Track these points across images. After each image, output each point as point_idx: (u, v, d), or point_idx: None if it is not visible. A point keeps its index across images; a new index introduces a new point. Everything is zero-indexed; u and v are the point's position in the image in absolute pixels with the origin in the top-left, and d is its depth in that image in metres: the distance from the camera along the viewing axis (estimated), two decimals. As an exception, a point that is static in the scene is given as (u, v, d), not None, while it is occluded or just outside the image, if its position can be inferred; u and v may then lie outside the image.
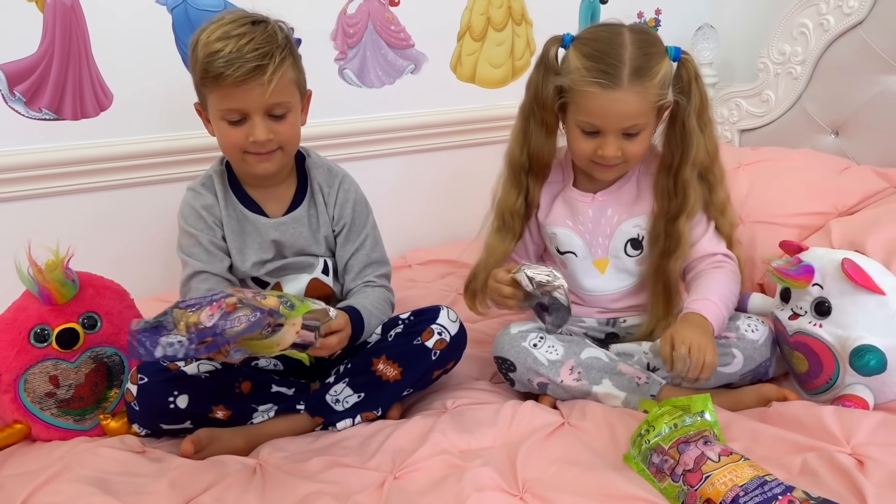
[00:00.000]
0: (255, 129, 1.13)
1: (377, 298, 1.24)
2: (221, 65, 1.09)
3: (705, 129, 1.20)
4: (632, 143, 1.17)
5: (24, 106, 1.50)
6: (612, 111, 1.14)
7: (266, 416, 1.18)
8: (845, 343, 1.08)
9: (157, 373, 1.13)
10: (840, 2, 1.77)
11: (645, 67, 1.12)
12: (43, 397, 1.13)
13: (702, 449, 0.94)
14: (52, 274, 1.10)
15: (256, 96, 1.11)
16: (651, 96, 1.13)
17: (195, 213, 1.22)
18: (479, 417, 1.11)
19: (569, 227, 1.29)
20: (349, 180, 1.29)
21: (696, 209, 1.22)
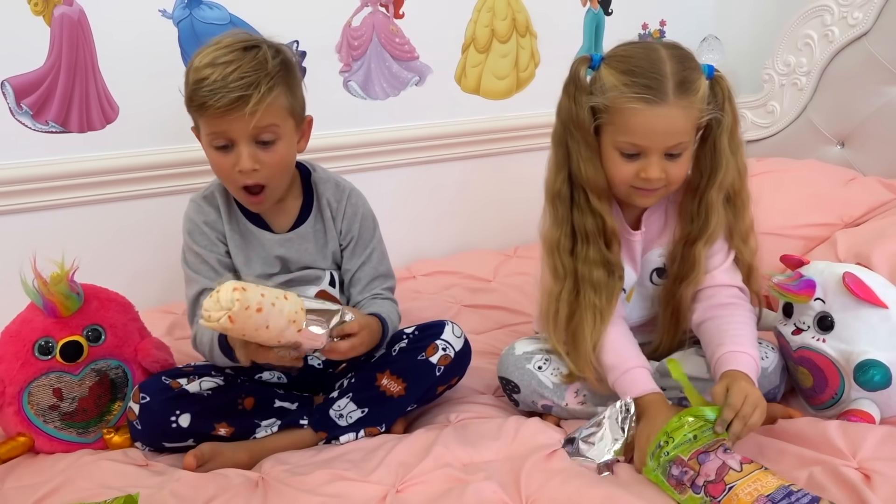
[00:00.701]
0: (240, 157, 1.10)
1: (391, 310, 1.24)
2: (205, 94, 1.07)
3: (737, 150, 1.12)
4: (674, 165, 1.08)
5: (31, 119, 1.51)
6: (657, 128, 1.05)
7: (269, 431, 1.17)
8: (849, 358, 1.07)
9: (159, 392, 1.12)
10: (845, 13, 1.77)
11: (688, 81, 1.05)
12: (46, 410, 1.13)
13: (722, 458, 0.92)
14: (57, 287, 1.11)
15: (241, 125, 1.09)
16: (696, 112, 1.06)
17: (199, 230, 1.21)
18: (483, 431, 1.10)
19: (625, 262, 1.20)
20: (357, 194, 1.28)
21: (716, 234, 1.14)
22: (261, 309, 0.95)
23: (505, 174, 2.03)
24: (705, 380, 1.14)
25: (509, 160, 2.04)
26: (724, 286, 1.16)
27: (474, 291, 1.72)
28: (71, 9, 1.51)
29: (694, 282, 1.16)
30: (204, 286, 1.18)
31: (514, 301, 1.64)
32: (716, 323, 1.13)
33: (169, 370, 1.19)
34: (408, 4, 1.86)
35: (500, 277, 1.80)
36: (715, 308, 1.15)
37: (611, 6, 2.17)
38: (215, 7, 1.64)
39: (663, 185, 1.11)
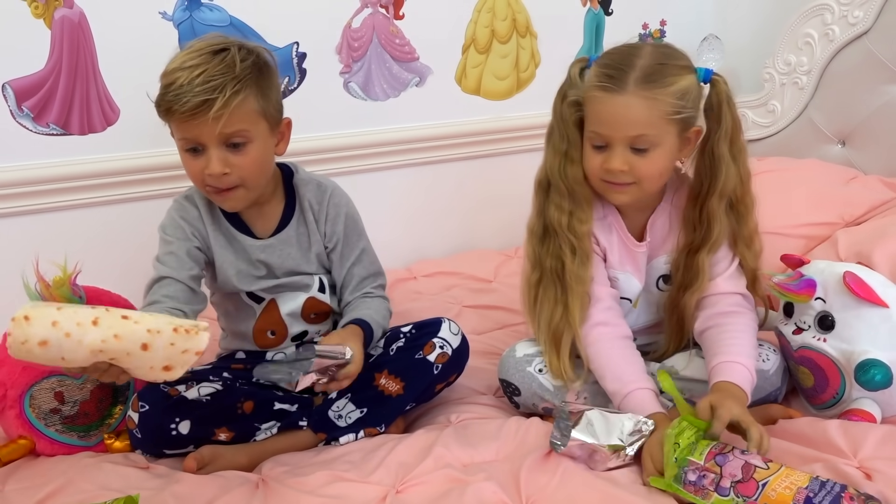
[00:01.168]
0: (209, 161, 1.10)
1: (380, 308, 1.23)
2: (170, 98, 1.07)
3: (738, 156, 1.11)
4: (642, 160, 1.08)
5: (32, 121, 1.51)
6: (616, 116, 1.07)
7: (269, 434, 1.17)
8: (850, 357, 1.07)
9: (157, 400, 1.12)
10: (845, 12, 1.77)
11: (656, 74, 1.05)
12: (48, 413, 1.13)
13: (744, 458, 0.91)
14: (60, 290, 1.10)
15: (208, 130, 1.08)
16: (662, 105, 1.05)
17: (174, 223, 1.20)
18: (483, 431, 1.10)
19: (629, 272, 1.21)
20: (339, 194, 1.26)
21: (719, 242, 1.14)
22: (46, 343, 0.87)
23: (506, 174, 2.03)
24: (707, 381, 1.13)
25: (510, 160, 2.04)
26: (726, 294, 1.16)
27: (475, 292, 1.72)
28: (71, 11, 1.51)
29: (698, 290, 1.15)
30: (161, 274, 1.15)
31: (514, 301, 1.62)
32: (716, 332, 1.13)
33: None
34: (408, 5, 1.86)
35: (501, 278, 1.80)
36: (716, 317, 1.15)
37: (611, 6, 2.17)
38: (215, 9, 1.65)
39: (631, 180, 1.10)
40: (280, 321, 1.26)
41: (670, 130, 1.08)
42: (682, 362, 1.21)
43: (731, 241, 1.17)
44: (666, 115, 1.06)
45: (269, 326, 1.26)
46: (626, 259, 1.20)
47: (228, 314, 1.29)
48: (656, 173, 1.11)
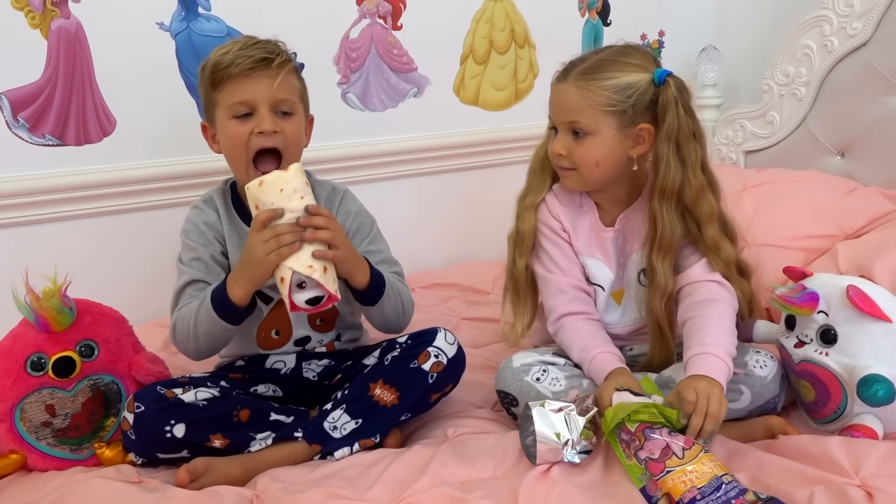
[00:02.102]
0: (262, 120, 1.16)
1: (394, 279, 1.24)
2: (229, 59, 1.15)
3: (686, 160, 1.15)
4: (578, 147, 1.17)
5: (28, 132, 1.50)
6: (555, 102, 1.19)
7: (264, 445, 1.16)
8: (852, 372, 1.06)
9: (154, 401, 1.11)
10: (844, 23, 1.77)
11: (597, 68, 1.15)
12: (39, 427, 1.12)
13: (667, 440, 0.96)
14: (49, 302, 1.10)
15: (264, 87, 1.16)
16: (594, 96, 1.13)
17: (196, 229, 1.24)
18: (481, 447, 1.09)
19: (599, 259, 1.27)
20: (350, 195, 1.31)
21: (667, 243, 1.17)
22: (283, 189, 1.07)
23: (504, 185, 2.00)
24: None
25: (508, 171, 2.02)
26: (701, 282, 1.18)
27: (473, 304, 1.71)
28: (68, 22, 1.51)
29: (659, 292, 1.19)
30: (193, 277, 1.19)
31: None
32: (691, 324, 1.15)
33: (164, 380, 1.17)
34: (406, 16, 1.86)
35: (499, 289, 1.76)
36: (693, 307, 1.17)
37: (609, 17, 2.17)
38: (213, 20, 1.64)
39: (570, 165, 1.19)
40: (286, 321, 1.26)
41: (607, 122, 1.15)
42: (678, 374, 1.19)
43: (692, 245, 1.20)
44: (599, 106, 1.14)
45: (275, 326, 1.26)
46: (596, 245, 1.26)
47: None
48: (592, 161, 1.18)
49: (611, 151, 1.18)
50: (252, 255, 1.07)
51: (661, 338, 1.23)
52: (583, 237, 1.27)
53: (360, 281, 1.15)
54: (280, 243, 1.06)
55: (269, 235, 1.06)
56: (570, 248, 1.27)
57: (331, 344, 1.32)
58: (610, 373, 1.13)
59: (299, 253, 1.07)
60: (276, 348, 1.29)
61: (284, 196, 1.07)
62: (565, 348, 1.23)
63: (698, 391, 1.01)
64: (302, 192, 1.08)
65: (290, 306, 1.08)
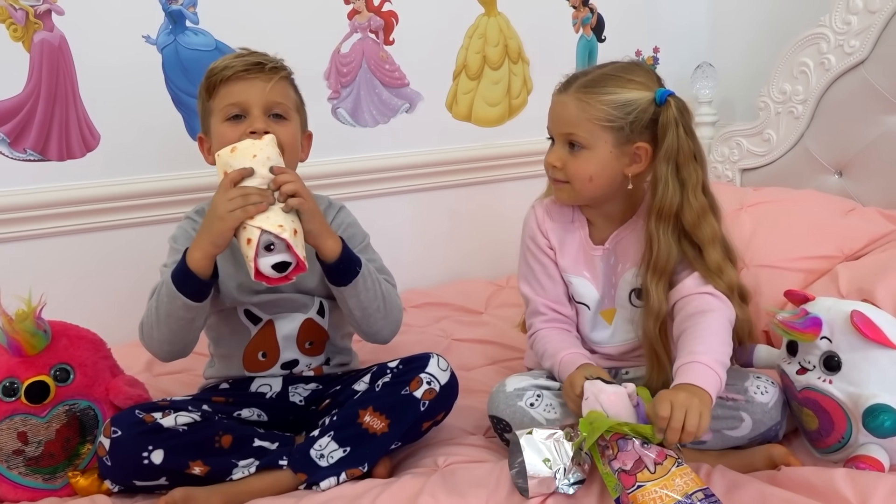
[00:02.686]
0: (253, 121, 1.15)
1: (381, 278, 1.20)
2: (225, 64, 1.17)
3: (686, 182, 1.13)
4: (573, 160, 1.16)
5: (8, 147, 1.47)
6: (554, 113, 1.19)
7: (246, 472, 1.11)
8: (857, 401, 1.02)
9: (131, 426, 1.07)
10: (841, 41, 1.75)
11: (598, 82, 1.14)
12: (10, 455, 1.07)
13: (639, 453, 0.95)
14: (23, 324, 1.06)
15: (257, 90, 1.16)
16: (593, 110, 1.13)
17: (186, 235, 1.21)
18: (473, 478, 1.04)
19: (586, 277, 1.25)
20: (346, 210, 1.30)
21: (662, 265, 1.15)
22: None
23: (497, 202, 2.00)
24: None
25: (501, 188, 2.01)
26: (693, 295, 1.15)
27: (465, 324, 1.68)
28: (51, 34, 1.47)
29: (652, 314, 1.16)
30: None
31: (506, 335, 1.59)
32: (683, 337, 1.11)
33: (143, 404, 1.13)
34: (398, 30, 1.84)
35: (492, 309, 1.75)
36: (685, 321, 1.13)
37: (604, 33, 2.16)
38: (201, 33, 1.61)
39: (564, 178, 1.18)
40: (274, 344, 1.23)
41: (604, 137, 1.14)
42: None
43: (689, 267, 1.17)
44: (597, 121, 1.13)
45: (262, 348, 1.23)
46: (583, 263, 1.25)
47: (221, 338, 1.26)
48: (585, 175, 1.17)
49: (605, 167, 1.16)
50: (215, 213, 1.04)
51: (656, 361, 1.20)
52: (570, 255, 1.25)
53: (330, 248, 1.11)
54: (247, 201, 1.02)
55: (236, 194, 1.03)
56: (555, 266, 1.26)
57: (319, 368, 1.28)
58: (579, 366, 1.13)
59: (268, 213, 1.03)
60: (262, 371, 1.25)
61: (257, 161, 1.04)
62: (539, 357, 1.23)
63: (675, 404, 0.96)
64: (275, 160, 1.06)
65: (255, 273, 1.03)
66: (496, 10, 1.97)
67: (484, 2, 1.95)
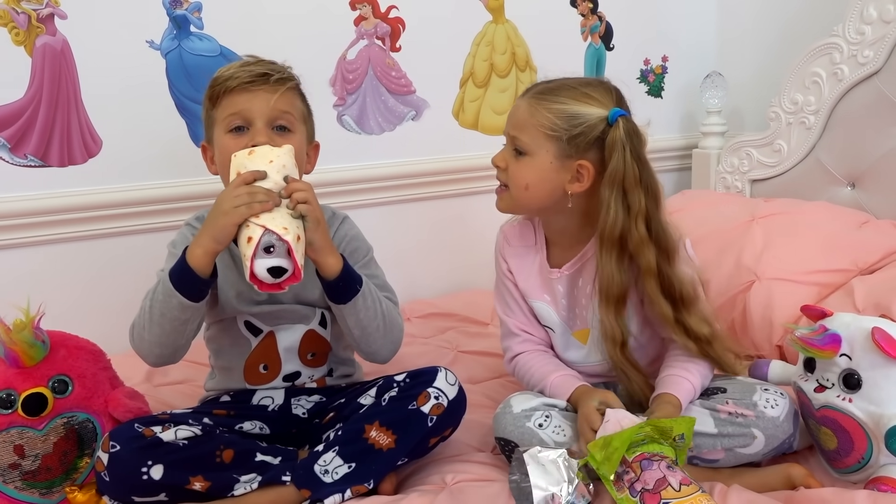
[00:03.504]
0: (256, 134, 1.13)
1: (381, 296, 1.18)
2: (231, 72, 1.14)
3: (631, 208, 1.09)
4: (515, 163, 1.16)
5: (9, 152, 1.44)
6: (509, 114, 1.19)
7: (249, 488, 1.09)
8: (879, 421, 0.99)
9: (130, 440, 1.04)
10: (855, 51, 1.73)
11: (553, 91, 1.13)
12: (6, 469, 1.04)
13: (664, 472, 0.93)
14: (20, 335, 1.03)
15: (261, 101, 1.13)
16: (540, 117, 1.12)
17: (185, 240, 1.17)
18: (481, 497, 1.02)
19: (546, 301, 1.25)
20: (350, 221, 1.28)
21: (606, 291, 1.13)
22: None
23: (503, 212, 1.97)
24: (713, 435, 1.09)
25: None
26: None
27: (471, 336, 1.65)
28: (54, 39, 1.45)
29: (608, 339, 1.14)
30: None
31: (512, 347, 1.56)
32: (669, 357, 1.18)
33: (143, 417, 1.11)
34: (405, 37, 1.82)
35: (498, 320, 1.72)
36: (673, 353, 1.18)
37: (612, 41, 2.14)
38: (205, 38, 1.59)
39: (504, 180, 1.19)
40: (275, 356, 1.21)
41: (546, 146, 1.13)
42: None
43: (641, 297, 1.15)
44: (541, 128, 1.12)
45: (263, 360, 1.21)
46: (543, 287, 1.25)
47: (221, 350, 1.24)
48: (522, 182, 1.16)
49: (544, 178, 1.14)
50: (219, 207, 1.02)
51: (628, 380, 1.18)
52: (530, 279, 1.25)
53: (331, 266, 1.09)
54: (253, 198, 1.01)
55: (243, 191, 1.01)
56: (517, 290, 1.27)
57: (322, 380, 1.26)
58: (579, 393, 1.12)
59: (274, 213, 1.01)
60: (263, 384, 1.23)
61: (272, 167, 1.03)
62: (524, 385, 1.23)
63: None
64: (290, 170, 1.04)
65: (250, 274, 1.00)
66: (504, 17, 1.95)
67: (492, 9, 1.93)
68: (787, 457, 1.13)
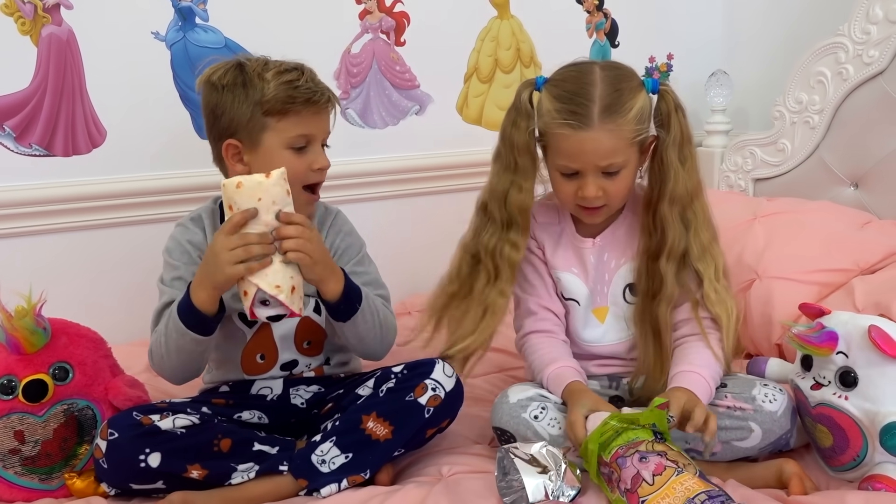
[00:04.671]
0: (319, 156, 1.18)
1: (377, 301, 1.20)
2: (305, 91, 1.15)
3: (685, 162, 1.14)
4: (613, 183, 1.13)
5: (14, 141, 1.45)
6: (586, 151, 1.11)
7: (246, 477, 1.09)
8: (874, 419, 0.99)
9: (128, 428, 1.05)
10: (860, 51, 1.72)
11: (616, 104, 1.10)
12: (6, 454, 1.06)
13: (637, 468, 0.93)
14: (22, 321, 1.04)
15: (326, 124, 1.20)
16: (626, 133, 1.10)
17: (180, 248, 1.20)
18: (477, 488, 1.02)
19: (574, 273, 1.24)
20: (342, 216, 1.29)
21: (677, 248, 1.15)
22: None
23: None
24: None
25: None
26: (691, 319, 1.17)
27: (471, 330, 1.64)
28: (59, 29, 1.46)
29: (667, 298, 1.16)
30: (173, 298, 1.13)
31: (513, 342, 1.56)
32: (679, 350, 1.17)
33: (141, 406, 1.12)
34: (409, 32, 1.82)
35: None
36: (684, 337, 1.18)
37: (617, 38, 2.13)
38: (210, 30, 1.60)
39: (603, 203, 1.15)
40: (272, 344, 1.22)
41: (633, 150, 1.14)
42: None
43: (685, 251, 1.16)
44: (629, 140, 1.11)
45: (260, 350, 1.22)
46: (572, 259, 1.24)
47: (217, 344, 1.22)
48: (625, 191, 1.17)
49: (635, 174, 1.18)
50: (217, 260, 1.03)
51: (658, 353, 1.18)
52: (558, 251, 1.25)
53: (332, 291, 1.11)
54: (249, 254, 1.01)
55: (238, 243, 1.02)
56: (544, 264, 1.25)
57: (319, 368, 1.26)
58: (570, 392, 1.11)
59: (268, 269, 1.02)
60: (261, 373, 1.24)
61: (262, 205, 1.02)
62: (527, 363, 1.24)
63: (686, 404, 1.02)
64: (281, 203, 1.04)
65: (250, 314, 1.05)
66: (509, 13, 1.95)
67: (497, 4, 1.93)
68: (784, 454, 1.13)
